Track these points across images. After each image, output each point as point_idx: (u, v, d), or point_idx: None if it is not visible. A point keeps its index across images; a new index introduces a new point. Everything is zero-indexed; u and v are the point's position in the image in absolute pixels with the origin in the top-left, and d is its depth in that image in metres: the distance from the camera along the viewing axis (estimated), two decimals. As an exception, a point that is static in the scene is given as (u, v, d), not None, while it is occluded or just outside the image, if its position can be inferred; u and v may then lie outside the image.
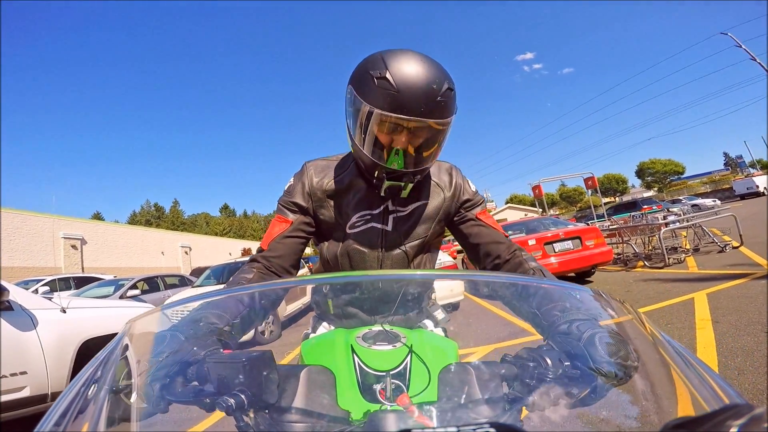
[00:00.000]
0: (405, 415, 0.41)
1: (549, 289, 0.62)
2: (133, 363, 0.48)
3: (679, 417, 0.36)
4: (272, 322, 1.10)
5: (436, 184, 0.96)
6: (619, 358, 0.44)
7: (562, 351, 0.47)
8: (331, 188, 0.91)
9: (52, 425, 0.39)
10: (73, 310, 2.78)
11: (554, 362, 0.45)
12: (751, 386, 2.06)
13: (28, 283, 10.17)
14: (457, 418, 0.44)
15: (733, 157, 60.26)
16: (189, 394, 0.44)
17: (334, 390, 0.51)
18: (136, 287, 8.21)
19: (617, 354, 0.45)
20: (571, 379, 0.44)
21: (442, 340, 0.75)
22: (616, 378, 0.43)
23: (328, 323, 0.87)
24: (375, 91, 0.73)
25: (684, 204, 18.18)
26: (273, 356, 0.47)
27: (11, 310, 2.41)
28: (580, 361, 0.45)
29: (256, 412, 0.47)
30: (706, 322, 3.19)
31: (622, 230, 8.00)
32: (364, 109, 0.75)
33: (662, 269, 6.21)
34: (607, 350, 0.45)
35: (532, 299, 0.61)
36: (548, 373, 0.44)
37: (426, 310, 0.87)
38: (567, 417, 0.43)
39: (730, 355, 2.49)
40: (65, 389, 0.45)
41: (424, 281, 0.80)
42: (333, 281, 0.76)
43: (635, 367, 0.44)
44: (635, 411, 0.44)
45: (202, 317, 0.58)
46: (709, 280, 4.70)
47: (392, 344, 0.59)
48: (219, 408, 0.42)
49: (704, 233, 7.39)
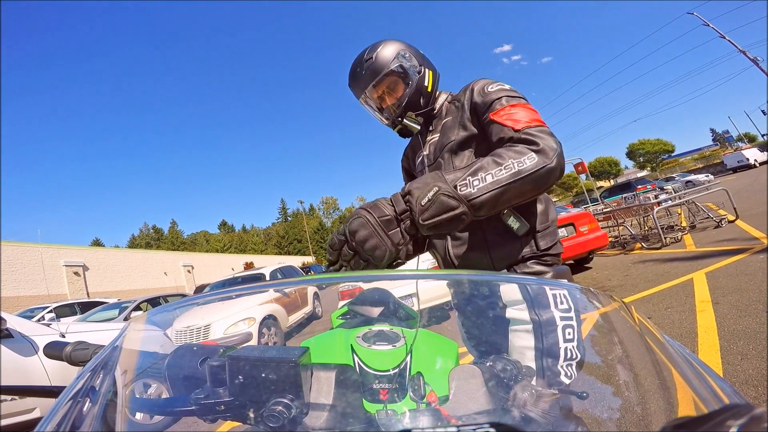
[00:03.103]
0: (405, 415, 0.42)
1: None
2: (130, 370, 0.46)
3: (679, 417, 0.36)
4: (274, 333, 1.11)
5: (455, 105, 1.06)
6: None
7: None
8: (406, 153, 1.29)
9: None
10: (71, 334, 2.91)
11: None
12: (755, 372, 1.98)
13: (34, 311, 10.41)
14: (457, 418, 0.44)
15: (720, 133, 60.55)
16: (194, 403, 0.40)
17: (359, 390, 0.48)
18: (140, 308, 8.24)
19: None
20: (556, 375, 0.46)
21: (442, 340, 0.76)
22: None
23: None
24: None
25: (677, 181, 18.26)
26: (310, 354, 0.43)
27: (11, 337, 2.52)
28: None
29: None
30: (706, 303, 3.15)
31: (615, 213, 7.99)
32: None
33: (660, 249, 6.21)
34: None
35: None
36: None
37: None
38: (566, 417, 0.43)
39: (732, 339, 2.41)
40: (55, 401, 0.42)
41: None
42: (333, 281, 0.77)
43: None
44: (635, 411, 0.43)
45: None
46: (707, 257, 4.68)
47: (392, 344, 0.58)
48: (243, 420, 0.37)
49: (698, 209, 7.41)
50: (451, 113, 1.06)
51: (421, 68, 1.08)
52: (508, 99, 0.90)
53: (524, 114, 0.85)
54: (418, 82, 1.07)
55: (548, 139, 0.79)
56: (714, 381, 0.41)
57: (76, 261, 19.09)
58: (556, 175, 0.77)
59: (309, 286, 1.06)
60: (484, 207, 0.73)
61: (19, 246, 17.02)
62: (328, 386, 0.45)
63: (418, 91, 1.07)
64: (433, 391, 0.48)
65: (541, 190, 0.78)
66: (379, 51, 1.06)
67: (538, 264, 0.95)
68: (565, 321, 0.63)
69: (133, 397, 0.45)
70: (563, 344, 0.62)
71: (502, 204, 0.75)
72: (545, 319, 0.64)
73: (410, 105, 1.08)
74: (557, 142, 0.79)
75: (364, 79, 1.07)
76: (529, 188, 0.75)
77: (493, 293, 0.61)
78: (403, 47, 1.08)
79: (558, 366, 0.58)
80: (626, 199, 8.64)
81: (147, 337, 0.54)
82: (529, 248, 0.94)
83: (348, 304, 0.70)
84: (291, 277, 5.59)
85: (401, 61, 1.06)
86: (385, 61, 1.05)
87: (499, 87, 0.95)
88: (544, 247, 0.95)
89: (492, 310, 0.61)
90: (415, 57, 1.09)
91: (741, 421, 0.21)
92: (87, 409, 0.41)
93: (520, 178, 0.73)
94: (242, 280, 7.40)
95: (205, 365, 0.42)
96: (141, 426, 0.44)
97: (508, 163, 0.74)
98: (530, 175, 0.74)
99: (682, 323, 2.90)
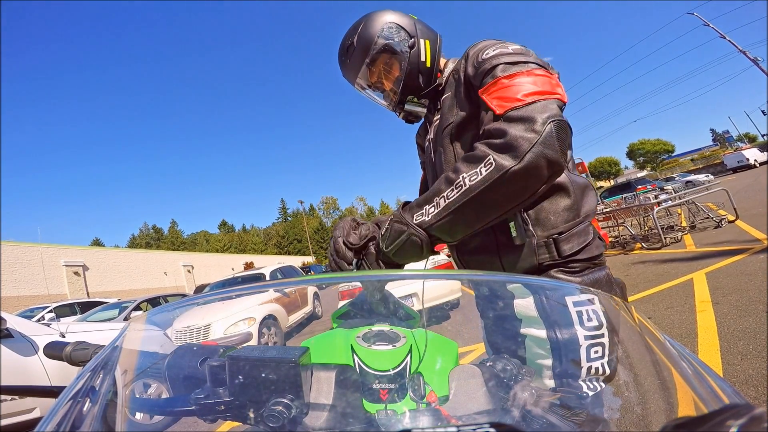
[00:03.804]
0: (405, 415, 0.42)
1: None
2: (130, 369, 0.47)
3: (679, 417, 0.36)
4: (274, 333, 1.10)
5: (454, 77, 0.89)
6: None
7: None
8: (419, 131, 1.14)
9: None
10: (71, 334, 2.93)
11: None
12: (755, 372, 1.97)
13: (34, 311, 10.40)
14: (457, 419, 0.44)
15: (720, 133, 60.67)
16: (194, 403, 0.40)
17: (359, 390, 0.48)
18: (140, 308, 8.25)
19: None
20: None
21: (442, 340, 0.76)
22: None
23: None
24: None
25: (677, 181, 18.27)
26: (310, 354, 0.42)
27: (11, 337, 2.53)
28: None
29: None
30: (707, 303, 3.15)
31: (615, 213, 7.99)
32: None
33: (660, 249, 6.22)
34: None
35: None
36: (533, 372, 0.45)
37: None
38: (566, 417, 0.43)
39: (733, 339, 2.40)
40: (55, 401, 0.42)
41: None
42: (333, 281, 0.77)
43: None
44: (635, 411, 0.43)
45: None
46: (707, 258, 4.69)
47: (392, 344, 0.57)
48: (243, 420, 0.37)
49: (698, 209, 7.41)
50: (450, 88, 0.89)
51: (414, 40, 0.92)
52: (505, 68, 0.71)
53: (519, 87, 0.67)
54: (412, 59, 0.91)
55: (526, 123, 0.61)
56: (714, 381, 0.41)
57: (76, 261, 19.14)
58: (531, 175, 0.61)
59: (309, 286, 1.06)
60: (447, 233, 0.68)
61: (19, 246, 17.05)
62: (328, 386, 0.45)
63: (414, 69, 0.92)
64: (433, 391, 0.48)
65: (522, 197, 0.64)
66: (359, 33, 0.92)
67: (562, 272, 0.75)
68: (591, 340, 0.54)
69: (133, 397, 0.45)
70: (587, 363, 0.54)
71: (472, 224, 0.67)
72: (565, 339, 0.56)
73: (408, 88, 0.94)
74: (545, 121, 0.61)
75: (351, 68, 0.96)
76: (493, 200, 0.64)
77: (503, 299, 0.59)
78: (388, 20, 0.92)
79: (579, 382, 0.53)
80: (626, 199, 8.67)
81: (147, 337, 0.54)
82: (548, 254, 0.74)
83: (348, 304, 0.70)
84: (291, 277, 5.60)
85: (387, 39, 0.91)
86: (367, 43, 0.91)
87: (498, 51, 0.75)
88: (569, 252, 0.74)
89: (502, 315, 0.60)
90: (406, 28, 0.92)
91: (741, 421, 0.21)
92: (87, 409, 0.41)
93: (472, 196, 0.62)
94: (242, 280, 7.41)
95: (205, 365, 0.42)
96: (141, 426, 0.44)
97: (459, 180, 0.64)
98: (487, 188, 0.61)
99: (682, 323, 2.90)
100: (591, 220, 0.79)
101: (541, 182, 0.63)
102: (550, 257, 0.75)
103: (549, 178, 0.63)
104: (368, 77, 0.97)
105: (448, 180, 0.66)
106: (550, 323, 0.59)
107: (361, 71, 0.95)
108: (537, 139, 0.60)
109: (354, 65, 0.95)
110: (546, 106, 0.63)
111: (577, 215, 0.76)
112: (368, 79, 0.97)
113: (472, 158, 0.64)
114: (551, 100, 0.65)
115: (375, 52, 0.92)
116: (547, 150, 0.60)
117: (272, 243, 66.53)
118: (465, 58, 0.83)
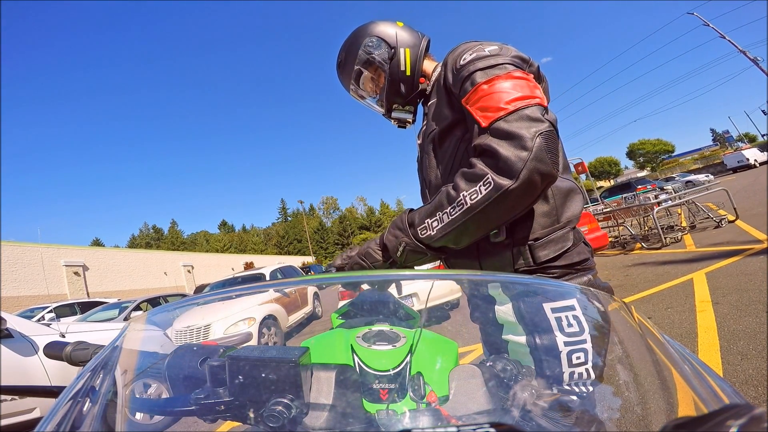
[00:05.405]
0: (405, 415, 0.42)
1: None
2: (130, 370, 0.46)
3: (679, 417, 0.36)
4: (274, 333, 1.10)
5: (437, 86, 0.89)
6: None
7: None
8: (418, 133, 1.10)
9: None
10: (71, 334, 2.93)
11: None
12: (755, 372, 1.98)
13: (34, 311, 10.40)
14: (457, 418, 0.44)
15: (720, 133, 60.71)
16: (194, 403, 0.39)
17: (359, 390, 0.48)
18: (140, 308, 8.24)
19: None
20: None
21: (442, 340, 0.76)
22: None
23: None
24: None
25: (677, 181, 18.28)
26: (310, 354, 0.43)
27: (11, 337, 2.53)
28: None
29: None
30: (707, 303, 3.15)
31: (616, 213, 8.00)
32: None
33: (660, 250, 6.22)
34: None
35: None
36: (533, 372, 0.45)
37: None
38: (566, 417, 0.43)
39: (733, 339, 2.40)
40: (55, 401, 0.42)
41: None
42: (333, 281, 0.76)
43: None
44: (635, 411, 0.43)
45: None
46: (707, 258, 4.68)
47: (392, 344, 0.58)
48: (243, 420, 0.37)
49: (698, 209, 7.42)
50: (435, 94, 0.89)
51: (393, 50, 0.96)
52: (483, 74, 0.70)
53: (499, 95, 0.67)
54: (392, 69, 0.96)
55: (516, 141, 0.62)
56: (714, 381, 0.41)
57: (76, 261, 19.13)
58: (527, 190, 0.63)
59: (309, 286, 1.06)
60: (452, 243, 0.73)
61: (19, 246, 17.04)
62: (328, 386, 0.45)
63: (396, 78, 0.97)
64: (433, 391, 0.48)
65: (515, 211, 0.67)
66: (346, 48, 1.01)
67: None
68: (572, 346, 0.55)
69: (133, 397, 0.45)
70: (569, 369, 0.54)
71: (474, 235, 0.71)
72: (544, 345, 0.58)
73: (393, 97, 1.00)
74: (533, 136, 0.62)
75: (344, 81, 1.06)
76: (496, 215, 0.67)
77: (488, 302, 0.60)
78: (369, 34, 0.97)
79: (563, 386, 0.54)
80: (626, 199, 8.67)
81: (147, 337, 0.54)
82: (523, 260, 0.75)
83: (348, 304, 0.70)
84: (291, 277, 5.60)
85: (369, 53, 0.97)
86: (352, 58, 1.00)
87: (474, 55, 0.74)
88: (544, 258, 0.74)
89: (486, 318, 0.61)
90: (386, 39, 0.96)
91: (741, 421, 0.21)
92: (87, 409, 0.41)
93: (475, 213, 0.66)
94: (242, 280, 7.39)
95: (205, 365, 0.42)
96: (141, 426, 0.44)
97: (460, 198, 0.67)
98: (487, 207, 0.65)
99: (682, 323, 2.90)
100: (574, 225, 0.78)
101: (537, 194, 0.66)
102: (525, 263, 0.75)
103: (544, 189, 0.66)
104: (358, 89, 1.06)
105: (449, 197, 0.69)
106: (529, 330, 0.60)
107: (351, 84, 1.04)
108: (529, 156, 0.61)
109: (345, 79, 1.05)
110: (531, 118, 0.64)
111: (556, 221, 0.76)
112: (359, 89, 1.06)
113: (471, 176, 0.66)
114: (533, 106, 0.65)
115: (359, 66, 1.00)
116: (539, 165, 0.62)
117: (272, 243, 66.56)
118: (444, 65, 0.82)
